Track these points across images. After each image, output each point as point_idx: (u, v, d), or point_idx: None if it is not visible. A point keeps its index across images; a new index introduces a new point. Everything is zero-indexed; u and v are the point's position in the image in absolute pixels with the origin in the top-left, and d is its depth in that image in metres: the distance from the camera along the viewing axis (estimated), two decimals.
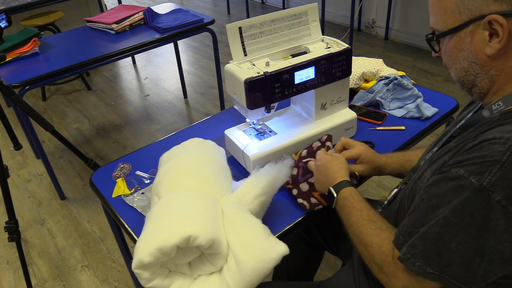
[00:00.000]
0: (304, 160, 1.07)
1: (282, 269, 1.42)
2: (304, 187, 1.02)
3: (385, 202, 0.93)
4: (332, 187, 0.90)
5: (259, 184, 0.91)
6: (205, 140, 1.06)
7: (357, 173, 1.05)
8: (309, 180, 1.03)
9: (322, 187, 0.97)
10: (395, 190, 0.92)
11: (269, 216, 0.97)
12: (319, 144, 1.11)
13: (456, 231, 0.60)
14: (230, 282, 0.78)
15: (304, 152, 1.10)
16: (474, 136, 0.66)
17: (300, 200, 1.00)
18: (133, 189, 1.13)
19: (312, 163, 1.02)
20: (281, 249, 0.80)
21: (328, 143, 1.10)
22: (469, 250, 0.60)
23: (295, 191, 1.02)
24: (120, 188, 1.13)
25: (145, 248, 0.76)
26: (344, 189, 0.88)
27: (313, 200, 1.00)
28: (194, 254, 0.82)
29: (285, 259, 1.48)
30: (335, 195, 0.88)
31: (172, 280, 0.83)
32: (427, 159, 0.82)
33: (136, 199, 1.09)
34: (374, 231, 0.77)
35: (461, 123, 0.77)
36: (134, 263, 0.76)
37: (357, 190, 0.88)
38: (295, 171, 1.06)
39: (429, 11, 0.74)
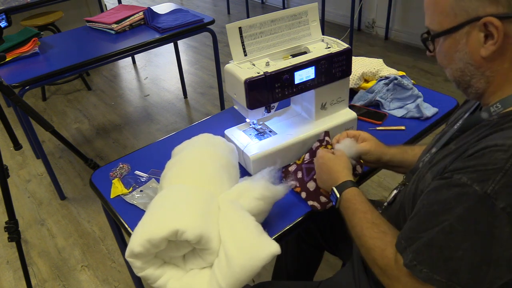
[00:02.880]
0: (306, 162, 1.07)
1: (282, 269, 1.42)
2: (311, 185, 1.02)
3: (385, 204, 0.93)
4: (336, 187, 0.89)
5: (257, 187, 0.91)
6: (214, 136, 1.07)
7: (361, 161, 1.04)
8: (314, 176, 1.03)
9: (324, 185, 0.96)
10: (395, 191, 0.92)
11: (270, 216, 0.97)
12: (318, 144, 1.11)
13: (462, 238, 0.61)
14: (219, 277, 0.79)
15: (307, 156, 1.10)
16: (475, 141, 0.66)
17: (310, 203, 1.00)
18: (131, 188, 1.13)
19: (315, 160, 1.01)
20: (273, 248, 0.80)
21: (327, 138, 1.10)
22: (476, 258, 0.60)
23: (303, 194, 1.02)
24: (118, 188, 1.13)
25: (136, 239, 0.79)
26: (348, 189, 0.87)
27: (322, 199, 0.99)
28: (186, 248, 0.83)
29: (284, 259, 1.48)
30: (338, 195, 0.88)
31: (164, 270, 0.84)
32: (425, 161, 0.81)
33: (136, 197, 1.09)
34: (377, 235, 0.76)
35: (458, 124, 0.77)
36: (126, 252, 0.80)
37: (361, 191, 0.88)
38: (299, 174, 1.06)
39: (425, 11, 0.74)
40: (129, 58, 3.85)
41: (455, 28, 0.67)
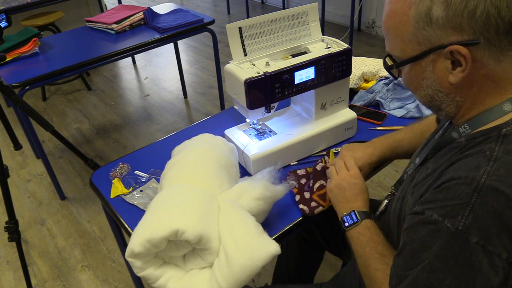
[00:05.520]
0: (312, 177, 1.06)
1: (282, 269, 1.42)
2: (307, 195, 1.02)
3: (377, 213, 0.93)
4: (357, 211, 0.88)
5: (257, 187, 0.91)
6: (215, 136, 1.06)
7: None
8: (315, 185, 1.02)
9: (341, 200, 0.93)
10: (386, 201, 0.92)
11: (270, 216, 0.97)
12: (323, 165, 1.08)
13: (443, 275, 0.60)
14: (219, 277, 0.79)
15: (311, 176, 1.08)
16: (447, 166, 0.66)
17: (301, 206, 1.00)
18: (131, 188, 1.13)
19: (332, 169, 0.99)
20: (272, 248, 0.80)
21: (326, 158, 1.10)
22: None
23: (297, 197, 1.02)
24: (118, 188, 1.13)
25: (136, 239, 0.78)
26: (368, 219, 0.86)
27: (312, 203, 0.99)
28: (186, 248, 0.83)
29: (286, 259, 1.47)
30: (359, 219, 0.86)
31: (164, 270, 0.84)
32: (409, 173, 0.82)
33: (136, 197, 1.09)
34: (381, 266, 0.76)
35: (434, 143, 0.77)
36: (126, 252, 0.80)
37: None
38: (303, 180, 1.06)
39: (384, 36, 0.70)
40: (129, 58, 3.85)
41: (419, 56, 0.65)
